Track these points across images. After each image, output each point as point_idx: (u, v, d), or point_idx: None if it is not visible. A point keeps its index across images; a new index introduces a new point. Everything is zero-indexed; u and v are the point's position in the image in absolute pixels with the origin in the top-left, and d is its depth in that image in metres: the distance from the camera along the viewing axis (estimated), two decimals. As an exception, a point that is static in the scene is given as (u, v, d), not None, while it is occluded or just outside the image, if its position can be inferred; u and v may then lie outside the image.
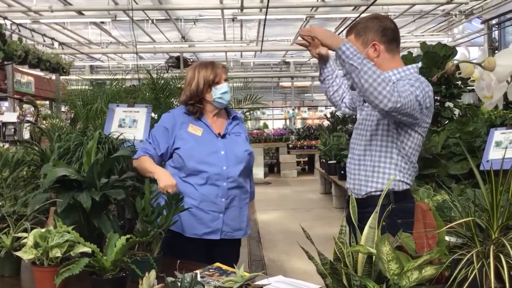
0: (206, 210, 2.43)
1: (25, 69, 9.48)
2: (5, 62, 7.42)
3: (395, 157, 2.09)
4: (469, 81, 4.06)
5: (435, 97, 4.26)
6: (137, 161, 2.51)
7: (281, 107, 23.44)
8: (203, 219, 2.43)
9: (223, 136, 2.56)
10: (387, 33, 2.11)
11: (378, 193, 2.09)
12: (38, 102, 7.65)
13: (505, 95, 2.84)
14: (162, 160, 2.59)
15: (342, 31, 11.06)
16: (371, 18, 2.15)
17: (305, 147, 13.79)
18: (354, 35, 2.13)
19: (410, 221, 1.44)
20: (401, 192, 2.10)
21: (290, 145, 13.95)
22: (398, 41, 2.17)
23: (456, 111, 4.40)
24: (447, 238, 1.38)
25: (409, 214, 1.49)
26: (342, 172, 7.25)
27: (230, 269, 1.90)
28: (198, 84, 2.53)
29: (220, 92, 2.54)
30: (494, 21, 10.54)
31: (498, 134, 3.23)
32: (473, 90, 3.65)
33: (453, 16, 11.72)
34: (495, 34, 10.79)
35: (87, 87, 5.24)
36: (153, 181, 2.39)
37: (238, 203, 2.52)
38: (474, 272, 1.18)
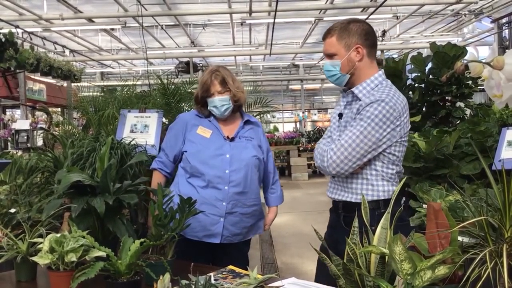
0: (207, 213, 2.41)
1: (37, 76, 9.59)
2: (18, 70, 7.50)
3: (379, 169, 2.07)
4: (479, 80, 4.04)
5: (446, 97, 4.25)
6: (153, 173, 2.67)
7: (291, 110, 23.43)
8: (203, 221, 2.43)
9: (232, 140, 2.55)
10: (370, 37, 2.10)
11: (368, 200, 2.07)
12: (50, 109, 7.72)
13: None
14: (175, 163, 2.66)
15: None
16: (353, 21, 2.12)
17: (315, 149, 13.73)
18: (336, 38, 2.09)
19: (400, 224, 1.44)
20: (388, 199, 2.09)
21: (301, 148, 13.92)
22: (377, 46, 2.17)
23: (468, 111, 4.37)
24: (459, 238, 1.38)
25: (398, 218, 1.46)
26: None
27: (244, 271, 1.91)
28: (197, 93, 2.63)
29: (212, 105, 2.57)
30: (504, 20, 10.48)
31: (510, 133, 3.21)
32: (484, 90, 3.63)
33: (463, 16, 11.68)
34: (505, 33, 10.72)
35: (98, 93, 5.28)
36: (166, 185, 2.43)
37: (240, 209, 2.50)
38: (487, 271, 1.18)
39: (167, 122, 3.83)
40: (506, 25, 10.65)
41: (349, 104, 2.17)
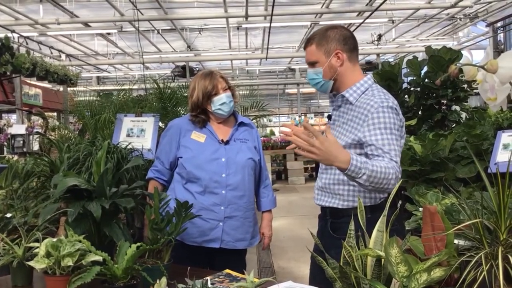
0: (205, 218, 2.40)
1: (33, 81, 9.57)
2: (13, 75, 7.50)
3: None
4: (474, 84, 4.06)
5: (442, 101, 4.27)
6: (149, 184, 2.60)
7: (288, 114, 23.45)
8: (202, 227, 2.41)
9: (227, 143, 2.53)
10: (349, 41, 2.09)
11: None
12: (46, 113, 7.71)
13: (508, 97, 2.84)
14: (172, 170, 2.61)
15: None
16: (331, 28, 2.12)
17: (312, 153, 13.74)
18: (315, 46, 2.09)
19: (391, 229, 1.42)
20: (377, 205, 2.07)
21: (297, 152, 13.91)
22: (358, 50, 2.16)
23: (463, 114, 4.39)
24: (455, 241, 1.38)
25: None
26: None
27: (240, 275, 1.91)
28: (198, 96, 2.53)
29: (218, 103, 2.52)
30: (499, 24, 10.54)
31: (505, 137, 3.23)
32: (479, 93, 3.64)
33: (458, 20, 11.73)
34: (500, 36, 10.78)
35: (94, 98, 5.27)
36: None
37: (241, 213, 2.48)
38: (483, 274, 1.19)
39: (163, 126, 3.83)
40: (501, 29, 10.71)
41: (338, 107, 2.17)
